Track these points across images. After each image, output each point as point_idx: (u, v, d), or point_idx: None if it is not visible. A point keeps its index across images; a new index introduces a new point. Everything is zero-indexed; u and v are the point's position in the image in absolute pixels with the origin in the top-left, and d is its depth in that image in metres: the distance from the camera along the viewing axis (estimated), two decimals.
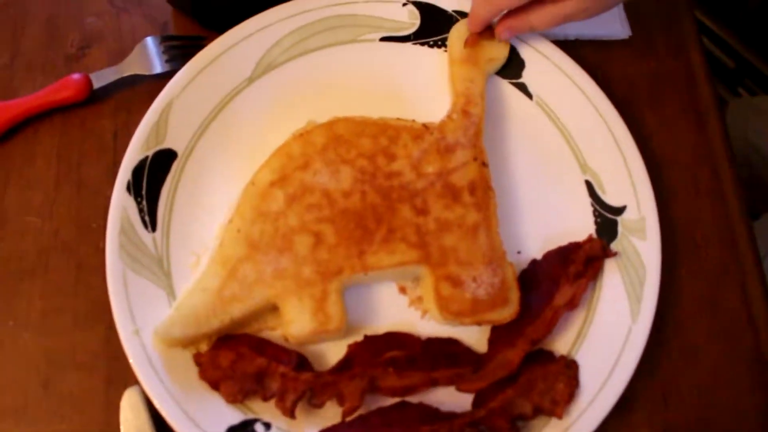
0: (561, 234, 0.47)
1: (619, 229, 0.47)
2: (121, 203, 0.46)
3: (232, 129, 0.49)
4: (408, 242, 0.44)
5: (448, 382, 0.44)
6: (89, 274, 0.48)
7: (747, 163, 0.77)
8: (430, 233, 0.45)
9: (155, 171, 0.47)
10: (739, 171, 0.52)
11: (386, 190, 0.45)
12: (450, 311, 0.44)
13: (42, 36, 0.54)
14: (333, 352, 0.45)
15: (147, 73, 0.51)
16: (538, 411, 0.43)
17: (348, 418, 0.43)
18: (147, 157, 0.47)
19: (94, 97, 0.52)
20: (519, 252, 0.47)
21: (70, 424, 0.45)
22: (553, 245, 0.47)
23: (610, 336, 0.44)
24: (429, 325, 0.46)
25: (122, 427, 0.44)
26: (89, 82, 0.51)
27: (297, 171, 0.46)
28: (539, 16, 0.47)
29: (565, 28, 0.53)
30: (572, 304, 0.44)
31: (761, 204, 0.78)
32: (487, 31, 0.49)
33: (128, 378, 0.45)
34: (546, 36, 0.51)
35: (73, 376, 0.46)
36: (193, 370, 0.44)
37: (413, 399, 0.44)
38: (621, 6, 0.55)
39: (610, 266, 0.46)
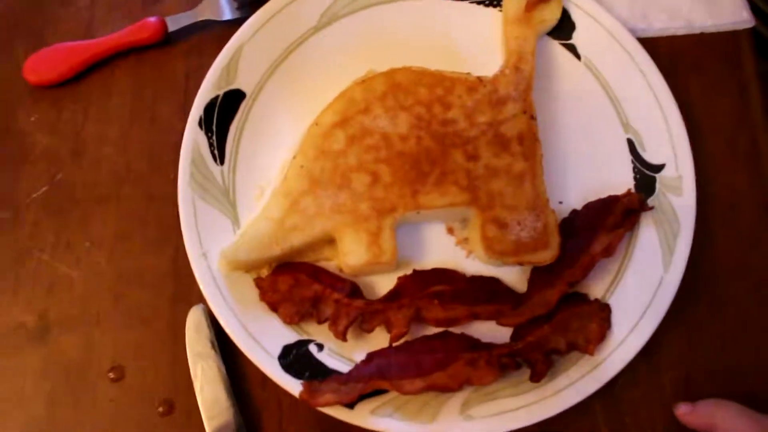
0: (601, 187, 0.50)
1: (657, 185, 0.49)
2: (192, 137, 0.50)
3: (297, 74, 0.52)
4: (459, 185, 0.48)
5: (489, 317, 0.47)
6: (159, 202, 0.52)
7: None
8: (479, 178, 0.48)
9: (225, 109, 0.51)
10: None
11: (440, 136, 0.48)
12: (494, 251, 0.47)
13: None
14: (383, 284, 0.49)
15: (218, 18, 0.55)
16: (572, 347, 0.46)
17: (395, 344, 0.46)
18: (218, 96, 0.51)
19: (168, 40, 0.55)
20: (561, 202, 0.50)
21: (139, 334, 0.49)
22: (593, 197, 0.50)
23: (642, 284, 0.47)
24: (473, 264, 0.49)
25: (187, 341, 0.48)
26: (164, 25, 0.54)
27: (358, 114, 0.49)
28: None
29: (691, 20, 0.54)
30: (609, 252, 0.47)
31: None
32: None
33: (192, 298, 0.49)
34: (671, 30, 0.53)
35: (142, 293, 0.50)
36: (254, 293, 0.48)
37: (456, 330, 0.47)
38: None
39: (646, 220, 0.49)
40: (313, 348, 0.47)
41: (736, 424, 0.43)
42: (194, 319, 0.48)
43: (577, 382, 0.45)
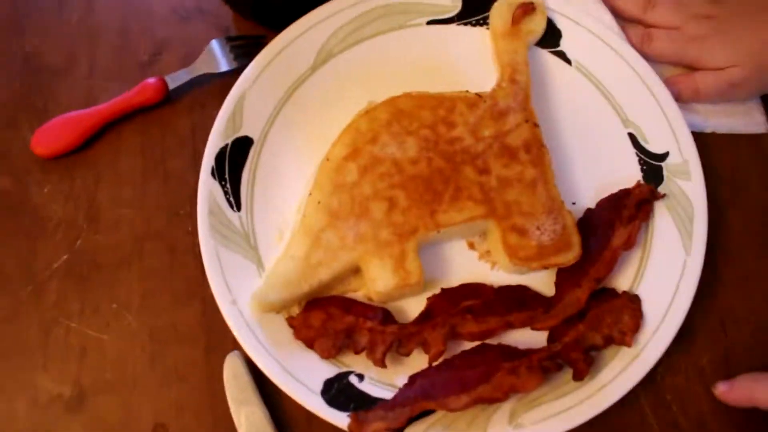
0: (611, 183, 0.51)
1: (664, 173, 0.51)
2: (207, 187, 0.51)
3: (301, 114, 0.54)
4: (474, 199, 0.49)
5: (523, 324, 0.48)
6: (182, 255, 0.52)
7: None
8: (493, 190, 0.49)
9: (235, 156, 0.52)
10: None
11: (449, 155, 0.50)
12: (519, 258, 0.48)
13: (116, 47, 0.59)
14: (413, 307, 0.49)
15: (216, 71, 0.56)
16: (609, 341, 0.46)
17: (434, 363, 0.47)
18: (227, 145, 0.52)
19: (169, 98, 0.56)
20: (574, 203, 0.51)
21: (178, 391, 0.49)
22: (604, 194, 0.51)
23: (667, 270, 0.48)
24: (498, 275, 0.50)
25: (227, 390, 0.48)
26: (165, 84, 0.56)
27: (367, 144, 0.50)
28: (705, 79, 0.52)
29: (707, 119, 0.54)
30: (629, 244, 0.48)
31: None
32: (527, 6, 0.54)
33: (226, 347, 0.49)
34: (688, 125, 0.52)
35: (176, 349, 0.50)
36: (287, 332, 0.48)
37: (492, 341, 0.48)
38: (759, 100, 0.55)
39: (659, 208, 0.50)
40: (353, 379, 0.47)
41: None
42: (231, 367, 0.48)
43: (619, 376, 0.46)
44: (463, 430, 0.45)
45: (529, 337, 0.48)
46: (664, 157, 0.51)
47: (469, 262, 0.50)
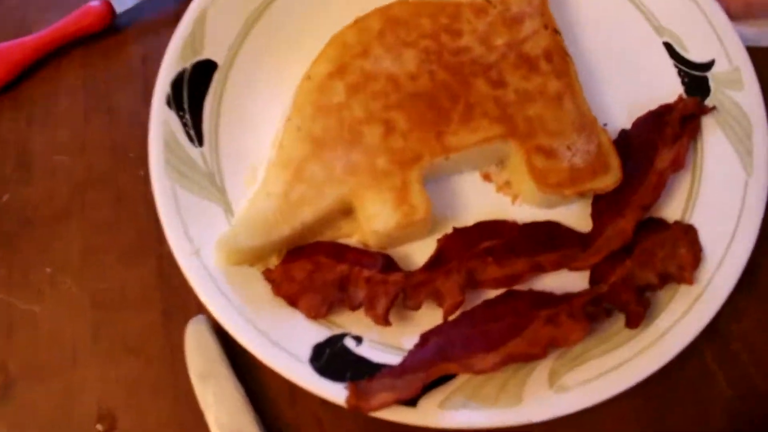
0: (647, 101, 0.43)
1: (711, 84, 0.43)
2: (162, 117, 0.41)
3: (275, 33, 0.45)
4: (490, 117, 0.40)
5: (556, 266, 0.39)
6: (132, 204, 0.43)
7: None
8: (511, 105, 0.40)
9: (196, 83, 0.43)
10: None
11: (456, 67, 0.41)
12: (549, 184, 0.39)
13: None
14: (420, 253, 0.40)
15: None
16: (666, 279, 0.38)
17: (450, 318, 0.37)
18: (185, 69, 0.43)
19: (116, 25, 0.47)
20: (605, 124, 0.42)
21: (129, 368, 0.39)
22: (640, 113, 0.43)
23: (724, 194, 0.40)
24: (522, 211, 0.41)
25: (188, 362, 0.38)
26: (111, 8, 0.47)
27: (356, 59, 0.41)
28: None
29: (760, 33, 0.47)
30: (677, 165, 0.40)
31: None
32: None
33: (188, 310, 0.40)
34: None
35: (125, 317, 0.40)
36: (264, 288, 0.38)
37: (521, 288, 0.39)
38: None
39: (709, 124, 0.42)
40: (350, 342, 0.38)
41: None
42: (195, 334, 0.39)
43: (681, 321, 0.37)
44: (493, 398, 0.36)
45: (565, 282, 0.39)
46: (708, 66, 0.43)
47: (486, 197, 0.41)
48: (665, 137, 0.41)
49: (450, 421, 0.35)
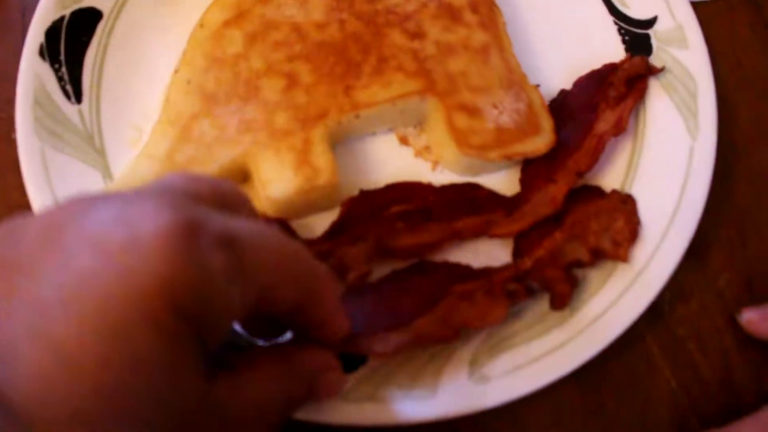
0: (584, 61, 0.39)
1: (653, 42, 0.39)
2: (33, 70, 0.36)
3: None
4: (406, 71, 0.35)
5: (476, 232, 0.34)
6: (2, 172, 0.37)
7: None
8: (431, 58, 0.36)
9: (76, 33, 0.37)
10: None
11: (369, 16, 0.36)
12: (471, 145, 0.34)
13: None
14: (322, 223, 0.35)
15: None
16: (598, 255, 0.33)
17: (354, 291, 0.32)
18: (63, 17, 0.37)
19: None
20: (538, 85, 0.38)
21: None
22: (577, 75, 0.38)
23: (668, 160, 0.36)
24: (442, 178, 0.36)
25: None
26: None
27: (256, 6, 0.36)
28: None
29: None
30: (619, 128, 0.36)
31: None
32: None
33: None
34: None
35: None
36: None
37: (435, 259, 0.34)
38: None
39: (651, 85, 0.38)
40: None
41: None
42: None
43: (616, 303, 0.32)
44: (407, 387, 0.31)
45: (486, 254, 0.34)
46: (650, 23, 0.39)
47: (402, 162, 0.37)
48: (608, 98, 0.37)
49: (357, 416, 0.30)
